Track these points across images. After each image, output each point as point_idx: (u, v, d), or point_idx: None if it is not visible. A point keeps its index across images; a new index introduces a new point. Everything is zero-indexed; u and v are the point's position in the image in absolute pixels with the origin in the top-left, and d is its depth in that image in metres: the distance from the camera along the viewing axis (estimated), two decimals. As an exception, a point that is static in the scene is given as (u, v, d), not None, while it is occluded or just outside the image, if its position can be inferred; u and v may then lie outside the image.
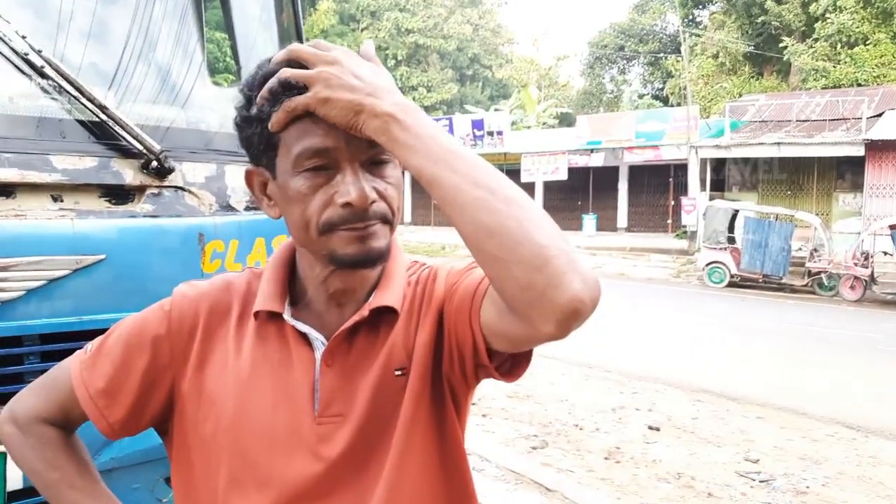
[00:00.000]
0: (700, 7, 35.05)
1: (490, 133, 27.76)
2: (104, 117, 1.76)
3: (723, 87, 29.69)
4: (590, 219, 25.91)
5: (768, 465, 5.29)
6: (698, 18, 35.41)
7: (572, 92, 44.52)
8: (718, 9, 32.78)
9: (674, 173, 25.00)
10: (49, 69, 1.68)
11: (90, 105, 1.73)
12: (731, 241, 17.02)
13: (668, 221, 25.84)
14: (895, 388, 7.75)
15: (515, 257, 0.77)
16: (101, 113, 1.75)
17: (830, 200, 21.12)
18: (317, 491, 0.95)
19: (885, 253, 15.22)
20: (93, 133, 1.79)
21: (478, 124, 28.28)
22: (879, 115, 19.60)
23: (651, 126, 23.81)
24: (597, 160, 25.15)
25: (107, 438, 1.05)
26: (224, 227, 1.99)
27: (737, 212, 17.39)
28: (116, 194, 1.83)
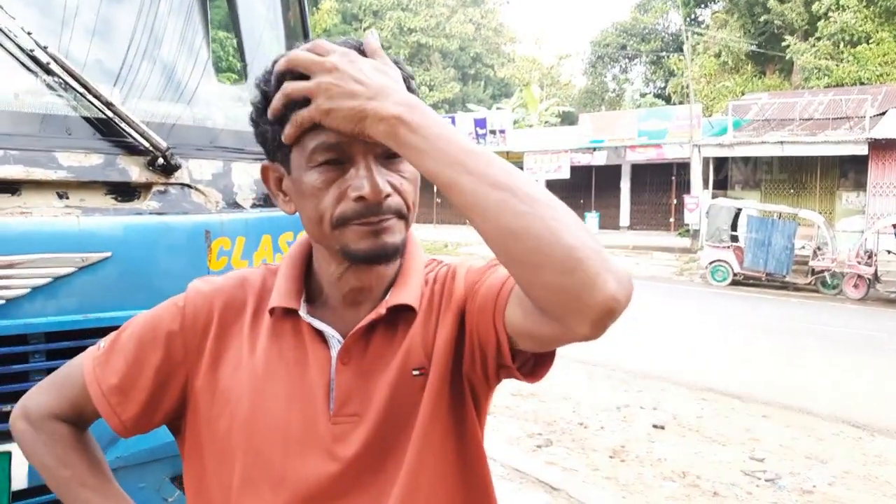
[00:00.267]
0: (702, 6, 34.99)
1: (493, 132, 27.77)
2: (110, 114, 1.74)
3: (725, 85, 29.63)
4: (592, 217, 25.94)
5: (774, 463, 5.27)
6: (700, 17, 35.37)
7: (574, 91, 44.55)
8: (721, 8, 32.75)
9: (676, 172, 25.03)
10: (55, 65, 1.67)
11: (96, 102, 1.71)
12: (734, 239, 16.99)
13: (671, 220, 25.87)
14: (900, 386, 7.74)
15: (545, 261, 0.74)
16: (107, 110, 1.74)
17: (834, 199, 21.10)
18: (332, 491, 0.93)
19: (889, 251, 15.17)
20: (98, 130, 1.77)
21: (480, 123, 28.29)
22: (882, 113, 19.59)
23: (653, 124, 23.82)
24: (599, 158, 25.16)
25: (118, 436, 1.03)
26: (230, 224, 1.98)
27: (740, 210, 17.37)
28: (122, 191, 1.82)
